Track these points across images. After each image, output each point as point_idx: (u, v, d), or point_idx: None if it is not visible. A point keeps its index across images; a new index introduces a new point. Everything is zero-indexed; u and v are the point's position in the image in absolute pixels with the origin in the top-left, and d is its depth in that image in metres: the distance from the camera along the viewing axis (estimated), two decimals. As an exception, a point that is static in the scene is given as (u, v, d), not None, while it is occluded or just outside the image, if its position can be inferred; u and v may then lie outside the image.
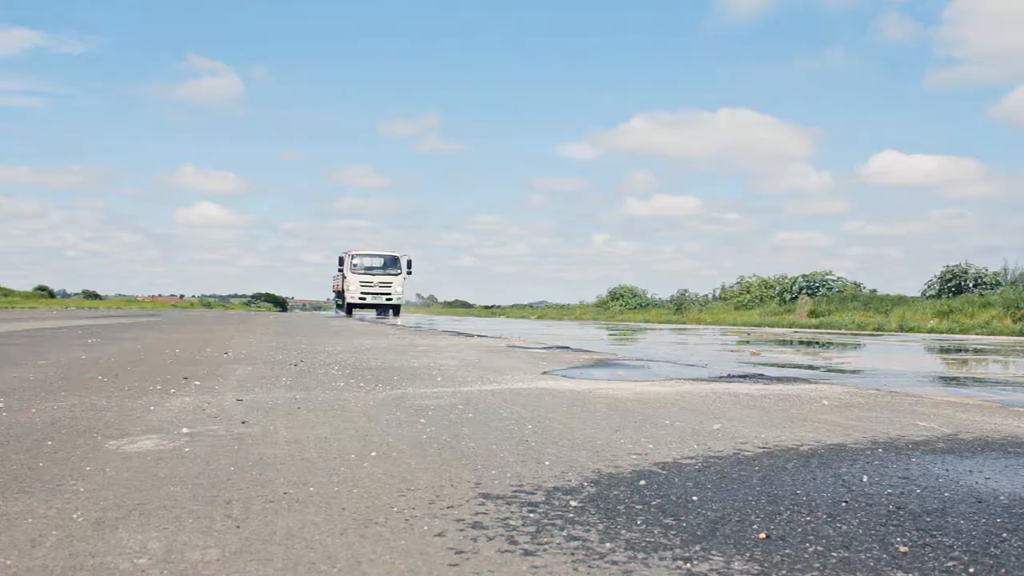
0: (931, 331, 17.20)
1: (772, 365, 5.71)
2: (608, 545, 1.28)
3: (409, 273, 28.51)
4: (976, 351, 8.71)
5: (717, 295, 29.68)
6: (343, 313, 29.44)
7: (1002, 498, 1.63)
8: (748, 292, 26.64)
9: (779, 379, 4.04)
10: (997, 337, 14.13)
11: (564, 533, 1.35)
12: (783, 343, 10.16)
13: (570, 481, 1.73)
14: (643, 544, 1.29)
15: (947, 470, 1.90)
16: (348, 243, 26.75)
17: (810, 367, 5.59)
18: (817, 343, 10.40)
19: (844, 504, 1.56)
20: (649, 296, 33.87)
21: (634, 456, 2.02)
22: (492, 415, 2.68)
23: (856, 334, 15.38)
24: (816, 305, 21.50)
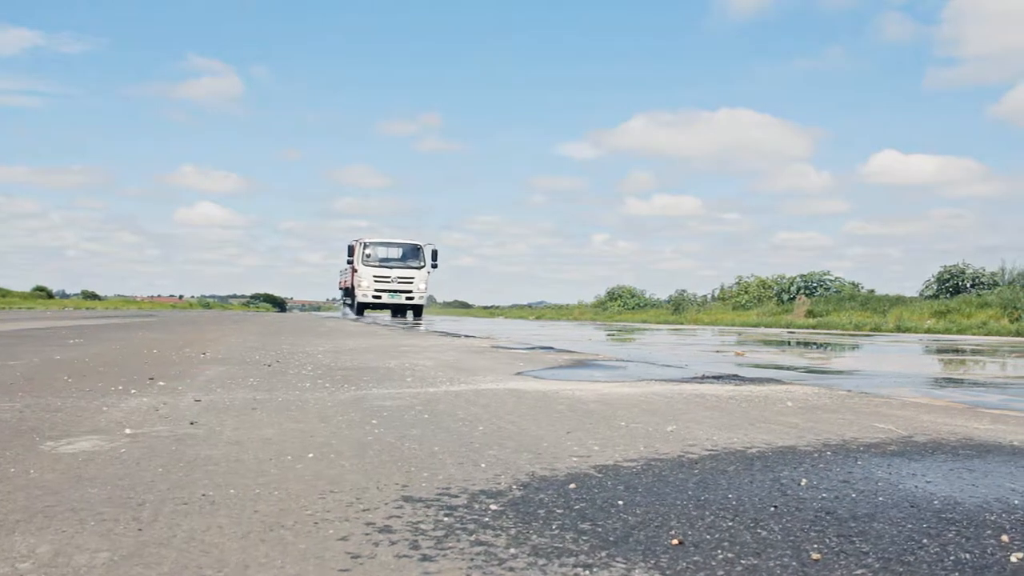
0: (928, 331, 17.15)
1: (755, 366, 5.67)
2: (512, 551, 1.25)
3: (434, 266, 23.84)
4: (966, 351, 8.65)
5: (716, 295, 29.62)
6: (353, 315, 24.54)
7: (935, 502, 1.60)
8: (746, 292, 26.56)
9: (753, 380, 4.00)
10: (993, 337, 14.07)
11: (472, 538, 1.31)
12: (774, 343, 10.12)
13: (500, 484, 1.70)
14: (549, 550, 1.26)
15: (890, 473, 1.86)
16: (348, 242, 24.84)
17: (791, 368, 5.55)
18: (808, 343, 10.35)
19: (773, 509, 1.53)
20: (648, 296, 33.84)
21: (575, 459, 1.99)
22: (448, 416, 2.65)
23: (854, 334, 15.32)
24: (814, 305, 21.43)
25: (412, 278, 23.71)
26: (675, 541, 1.31)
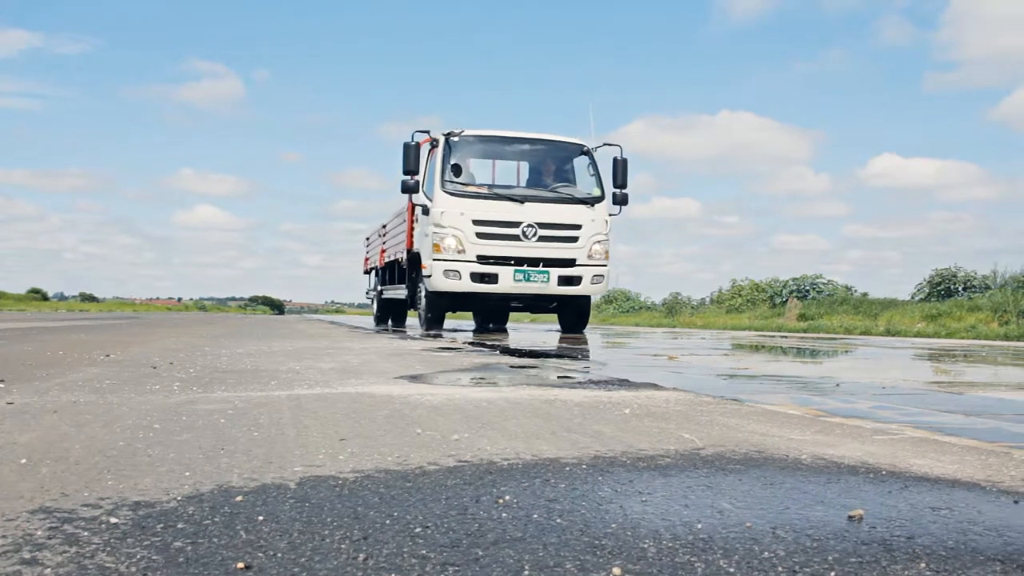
0: (917, 335, 16.88)
1: (675, 371, 5.53)
2: (63, 570, 1.15)
3: (622, 199, 10.66)
4: (927, 355, 8.44)
5: (713, 298, 29.36)
6: (422, 328, 11.28)
7: (613, 526, 1.47)
8: (740, 295, 26.30)
9: (632, 385, 3.87)
10: (978, 340, 13.79)
11: (29, 556, 1.21)
12: (738, 347, 9.94)
13: (165, 495, 1.59)
14: (104, 571, 1.15)
15: (616, 492, 1.74)
16: (348, 244, 17.68)
17: (711, 373, 5.40)
18: (775, 348, 10.16)
19: (418, 530, 1.41)
20: (643, 299, 33.60)
21: (301, 468, 1.88)
22: (245, 421, 2.55)
23: (843, 338, 15.07)
24: (805, 309, 21.16)
25: (577, 227, 10.20)
26: (240, 565, 1.19)
